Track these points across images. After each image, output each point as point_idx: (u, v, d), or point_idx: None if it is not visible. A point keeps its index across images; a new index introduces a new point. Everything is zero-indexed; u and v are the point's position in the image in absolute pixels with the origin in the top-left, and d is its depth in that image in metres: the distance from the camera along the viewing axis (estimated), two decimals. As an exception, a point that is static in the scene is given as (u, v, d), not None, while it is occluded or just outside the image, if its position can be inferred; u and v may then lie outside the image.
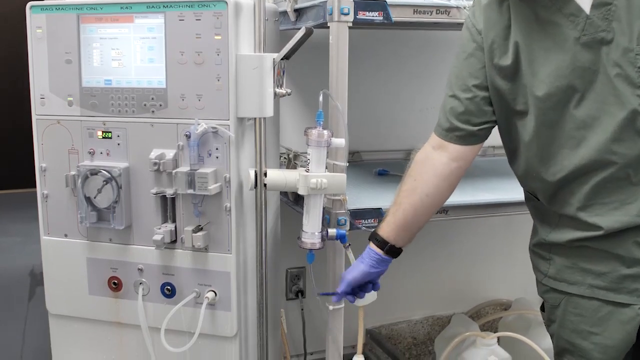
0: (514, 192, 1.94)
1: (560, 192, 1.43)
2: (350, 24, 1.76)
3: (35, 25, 1.87)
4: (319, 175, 1.72)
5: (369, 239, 1.72)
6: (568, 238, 1.45)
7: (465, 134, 1.55)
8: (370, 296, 1.85)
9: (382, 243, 1.68)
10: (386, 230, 1.68)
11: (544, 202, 1.49)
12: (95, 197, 1.86)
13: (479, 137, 1.56)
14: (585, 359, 1.48)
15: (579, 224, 1.42)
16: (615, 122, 1.31)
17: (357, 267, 1.72)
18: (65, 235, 1.97)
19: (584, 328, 1.46)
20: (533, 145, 1.43)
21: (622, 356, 1.44)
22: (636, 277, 1.38)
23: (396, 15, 1.82)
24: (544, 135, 1.41)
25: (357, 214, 1.88)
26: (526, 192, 1.60)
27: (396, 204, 1.67)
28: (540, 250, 1.55)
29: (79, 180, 1.86)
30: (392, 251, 1.69)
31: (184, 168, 1.78)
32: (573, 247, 1.45)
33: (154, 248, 1.86)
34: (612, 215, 1.37)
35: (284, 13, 2.12)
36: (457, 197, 2.03)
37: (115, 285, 1.95)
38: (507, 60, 1.42)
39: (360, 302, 1.85)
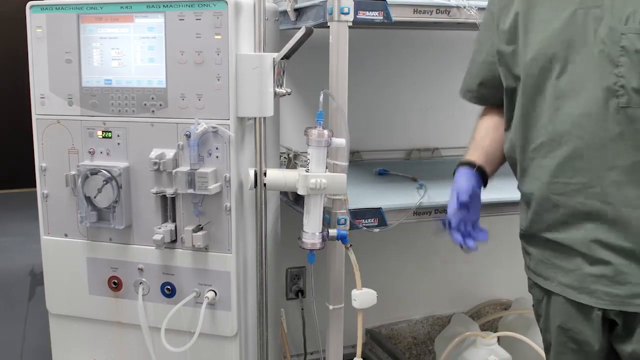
0: (514, 191, 1.94)
1: (532, 166, 1.47)
2: (350, 24, 1.76)
3: (35, 24, 1.87)
4: (318, 176, 1.72)
5: (457, 167, 1.64)
6: (538, 227, 1.49)
7: (479, 95, 1.66)
8: (370, 299, 1.86)
9: (471, 164, 1.62)
10: (474, 155, 1.64)
11: (520, 180, 1.54)
12: (95, 197, 1.86)
13: (493, 100, 1.63)
14: (565, 355, 1.51)
15: (545, 202, 1.45)
16: (589, 97, 1.33)
17: (461, 182, 1.59)
18: (66, 235, 1.97)
19: (559, 324, 1.49)
20: (519, 112, 1.49)
21: (600, 352, 1.45)
22: (597, 278, 1.40)
23: (396, 15, 1.82)
24: (528, 101, 1.46)
25: (357, 214, 1.88)
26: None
27: (476, 142, 1.68)
28: (522, 242, 1.60)
29: (79, 180, 1.86)
30: (481, 171, 1.62)
31: (184, 168, 1.78)
32: (543, 241, 1.49)
33: (154, 248, 1.86)
34: (574, 197, 1.39)
35: (284, 13, 2.11)
36: (457, 197, 2.03)
37: (115, 285, 1.95)
38: (506, 25, 1.49)
39: (359, 305, 1.85)
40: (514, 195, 1.76)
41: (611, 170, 1.33)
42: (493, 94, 1.62)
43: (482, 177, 1.63)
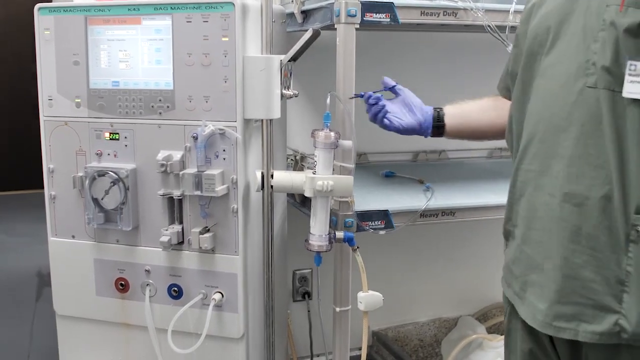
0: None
1: (515, 150, 1.38)
2: (357, 26, 1.76)
3: (43, 26, 1.88)
4: (325, 178, 1.72)
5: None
6: (509, 220, 1.41)
7: (504, 85, 1.58)
8: (376, 301, 1.85)
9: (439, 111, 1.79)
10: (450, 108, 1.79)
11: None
12: (102, 199, 1.86)
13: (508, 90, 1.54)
14: None
15: (514, 191, 1.36)
16: (562, 74, 1.21)
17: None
18: (73, 237, 1.97)
19: (522, 348, 1.41)
20: (515, 95, 1.38)
21: None
22: (533, 286, 1.28)
23: (403, 17, 1.82)
24: (521, 82, 1.35)
25: (364, 216, 1.88)
26: None
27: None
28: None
29: (87, 182, 1.86)
30: (439, 118, 1.78)
31: (191, 169, 1.79)
32: (512, 237, 1.40)
33: (161, 249, 1.86)
34: (530, 185, 1.29)
35: (291, 15, 2.12)
36: (464, 199, 2.03)
37: (122, 286, 1.95)
38: (529, 4, 1.38)
39: (364, 307, 1.85)
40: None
41: (560, 158, 1.22)
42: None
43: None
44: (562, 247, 1.21)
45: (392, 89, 1.84)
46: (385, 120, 1.79)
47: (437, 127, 1.78)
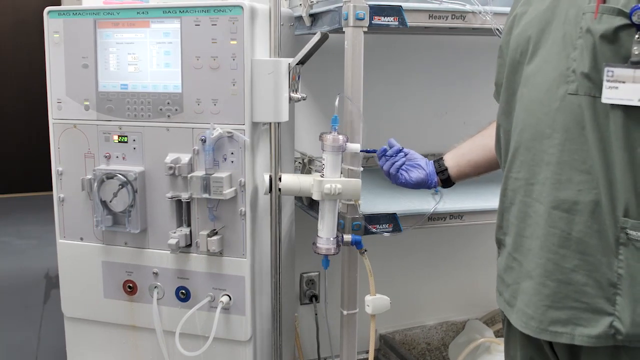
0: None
1: (504, 159, 1.38)
2: (366, 29, 1.76)
3: (53, 30, 1.89)
4: (333, 181, 1.72)
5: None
6: (500, 229, 1.39)
7: (497, 94, 1.53)
8: (383, 305, 1.85)
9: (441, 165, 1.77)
10: (448, 153, 1.79)
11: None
12: (110, 201, 1.87)
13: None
14: None
15: (504, 200, 1.35)
16: (544, 82, 1.22)
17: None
18: (81, 239, 1.98)
19: (521, 357, 1.40)
20: (501, 102, 1.38)
21: None
22: (524, 292, 1.27)
23: (411, 20, 1.82)
24: (506, 91, 1.35)
25: (372, 219, 1.88)
26: None
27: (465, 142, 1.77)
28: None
29: (95, 184, 1.87)
30: (440, 165, 1.77)
31: (199, 172, 1.79)
32: (503, 246, 1.39)
33: (169, 252, 1.87)
34: (519, 193, 1.29)
35: (299, 18, 2.12)
36: (473, 202, 2.03)
37: (130, 288, 1.96)
38: (511, 17, 1.38)
39: (372, 311, 1.85)
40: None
41: (546, 165, 1.22)
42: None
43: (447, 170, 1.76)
44: (551, 252, 1.22)
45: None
46: (400, 173, 1.78)
47: (441, 172, 1.77)
